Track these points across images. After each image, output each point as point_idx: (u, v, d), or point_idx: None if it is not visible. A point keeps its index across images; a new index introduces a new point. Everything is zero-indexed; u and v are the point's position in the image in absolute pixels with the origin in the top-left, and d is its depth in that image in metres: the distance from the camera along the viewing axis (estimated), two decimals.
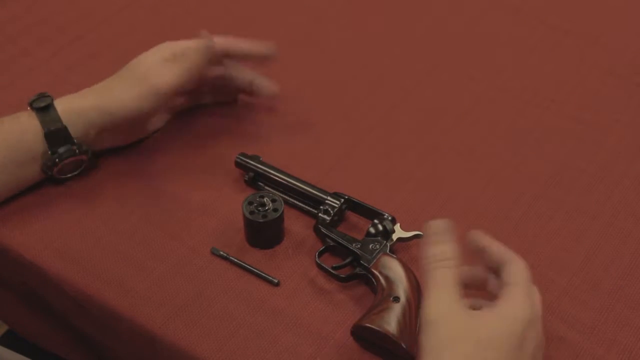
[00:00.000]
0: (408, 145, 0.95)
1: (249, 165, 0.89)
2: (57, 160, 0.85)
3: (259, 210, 0.82)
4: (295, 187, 0.87)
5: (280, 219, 0.82)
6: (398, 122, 0.98)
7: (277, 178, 0.88)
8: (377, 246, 0.80)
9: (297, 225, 0.86)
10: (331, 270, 0.81)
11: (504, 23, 1.13)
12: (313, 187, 0.87)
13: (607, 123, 0.98)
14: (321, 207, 0.84)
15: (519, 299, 0.67)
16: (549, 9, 1.15)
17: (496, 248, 0.72)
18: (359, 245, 0.80)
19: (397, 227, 0.82)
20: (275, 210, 0.82)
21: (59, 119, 0.84)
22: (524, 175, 0.92)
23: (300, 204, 0.87)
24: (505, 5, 1.15)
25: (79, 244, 0.84)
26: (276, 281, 0.80)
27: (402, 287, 0.74)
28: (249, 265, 0.82)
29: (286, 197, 0.87)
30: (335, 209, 0.84)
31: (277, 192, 0.87)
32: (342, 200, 0.85)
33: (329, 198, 0.85)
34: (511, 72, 1.05)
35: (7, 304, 0.91)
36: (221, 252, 0.83)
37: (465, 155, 0.94)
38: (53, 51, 1.06)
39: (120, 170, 0.88)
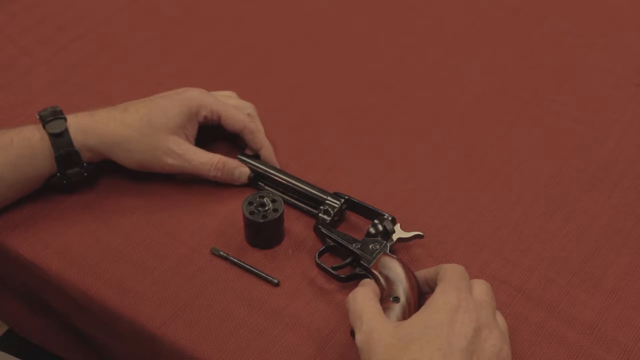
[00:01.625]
0: (408, 145, 0.95)
1: (249, 165, 0.89)
2: (64, 181, 0.85)
3: (259, 211, 0.82)
4: (295, 187, 0.87)
5: (280, 219, 0.82)
6: (398, 122, 0.98)
7: (277, 178, 0.88)
8: (377, 246, 0.80)
9: (297, 225, 0.86)
10: (331, 271, 0.80)
11: (504, 23, 1.13)
12: (313, 187, 0.87)
13: (607, 123, 0.98)
14: (321, 207, 0.84)
15: (438, 291, 0.69)
16: (549, 9, 1.15)
17: (431, 269, 0.75)
18: (359, 246, 0.80)
19: (397, 227, 0.82)
20: (275, 210, 0.82)
21: (71, 144, 0.83)
22: (524, 175, 0.92)
23: (300, 204, 0.87)
24: (505, 5, 1.15)
25: (79, 244, 0.84)
26: (276, 281, 0.80)
27: (402, 288, 0.74)
28: (249, 266, 0.82)
29: (286, 197, 0.87)
30: (336, 209, 0.84)
31: (277, 192, 0.87)
32: (342, 200, 0.85)
33: (329, 198, 0.85)
34: (511, 72, 1.05)
35: (7, 304, 0.91)
36: (221, 252, 0.83)
37: (465, 155, 0.94)
38: (53, 51, 1.06)
39: (120, 170, 0.88)
